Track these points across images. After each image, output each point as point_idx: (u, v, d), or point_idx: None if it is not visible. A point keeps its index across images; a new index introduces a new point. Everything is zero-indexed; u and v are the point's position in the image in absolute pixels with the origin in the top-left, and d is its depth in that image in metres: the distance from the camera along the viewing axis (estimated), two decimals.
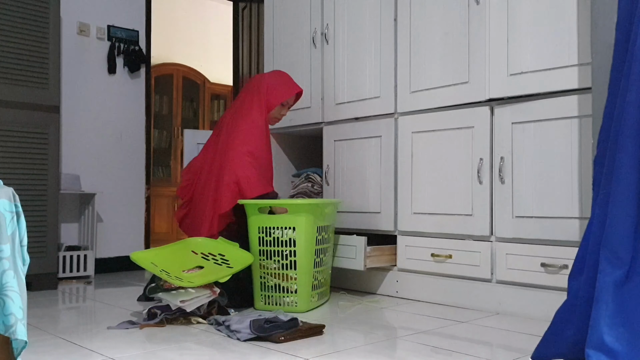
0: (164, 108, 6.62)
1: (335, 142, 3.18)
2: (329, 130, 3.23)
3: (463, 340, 1.99)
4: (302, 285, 2.47)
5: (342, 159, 3.14)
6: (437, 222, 2.69)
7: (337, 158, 3.17)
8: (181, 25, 6.82)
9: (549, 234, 2.30)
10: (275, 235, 2.48)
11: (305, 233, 2.46)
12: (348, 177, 3.11)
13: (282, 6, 3.55)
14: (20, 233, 1.33)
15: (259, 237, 2.51)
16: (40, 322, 2.27)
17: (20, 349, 1.31)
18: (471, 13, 2.59)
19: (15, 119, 3.04)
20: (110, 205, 3.97)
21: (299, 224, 2.45)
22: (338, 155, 3.16)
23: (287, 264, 2.47)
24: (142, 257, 2.32)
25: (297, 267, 2.46)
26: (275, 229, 2.48)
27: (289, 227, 2.47)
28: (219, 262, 2.40)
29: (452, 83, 2.66)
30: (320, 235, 2.56)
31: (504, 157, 2.46)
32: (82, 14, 3.90)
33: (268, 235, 2.49)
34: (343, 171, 3.14)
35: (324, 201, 2.62)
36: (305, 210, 2.46)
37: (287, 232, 2.46)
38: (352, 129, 3.09)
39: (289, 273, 2.47)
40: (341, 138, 3.15)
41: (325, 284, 2.70)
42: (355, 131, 3.08)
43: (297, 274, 2.46)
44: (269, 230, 2.49)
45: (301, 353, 1.80)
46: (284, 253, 2.47)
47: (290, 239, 2.46)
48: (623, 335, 1.40)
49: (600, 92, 1.78)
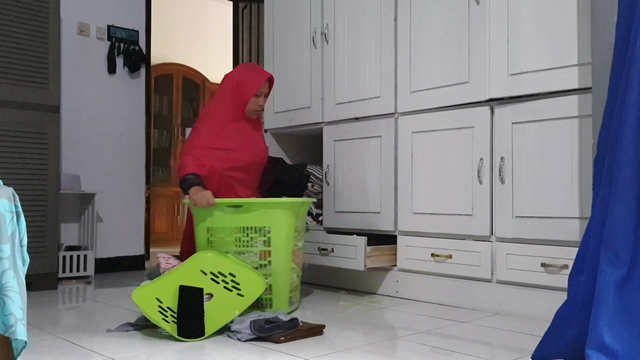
0: (164, 108, 6.62)
1: (335, 142, 3.18)
2: (329, 130, 3.22)
3: (463, 340, 1.99)
4: (279, 290, 2.39)
5: (342, 159, 3.14)
6: (437, 222, 2.69)
7: (337, 158, 3.17)
8: (181, 25, 6.82)
9: (549, 234, 2.30)
10: (252, 235, 2.40)
11: (287, 232, 2.38)
12: (348, 177, 3.11)
13: (282, 6, 3.55)
14: (20, 233, 1.34)
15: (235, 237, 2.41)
16: (40, 322, 2.27)
17: (20, 349, 1.31)
18: (471, 13, 2.59)
19: (15, 119, 3.04)
20: (110, 205, 3.97)
21: (277, 223, 2.37)
22: (338, 155, 3.16)
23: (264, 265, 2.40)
24: (144, 293, 2.03)
25: (273, 269, 2.38)
26: (251, 230, 2.40)
27: (264, 228, 2.39)
28: (229, 286, 2.14)
29: (452, 83, 2.65)
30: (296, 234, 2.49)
31: (504, 157, 2.46)
32: (82, 14, 3.89)
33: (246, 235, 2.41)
34: (343, 171, 3.14)
35: (301, 200, 2.53)
36: (284, 208, 2.40)
37: (263, 231, 2.39)
38: (352, 129, 3.09)
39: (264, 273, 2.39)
40: (341, 138, 3.15)
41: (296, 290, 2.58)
42: (355, 131, 3.08)
43: (272, 275, 2.38)
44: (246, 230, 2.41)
45: (301, 353, 1.80)
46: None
47: (268, 239, 2.39)
48: (623, 335, 1.40)
49: (600, 92, 1.78)
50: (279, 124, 3.53)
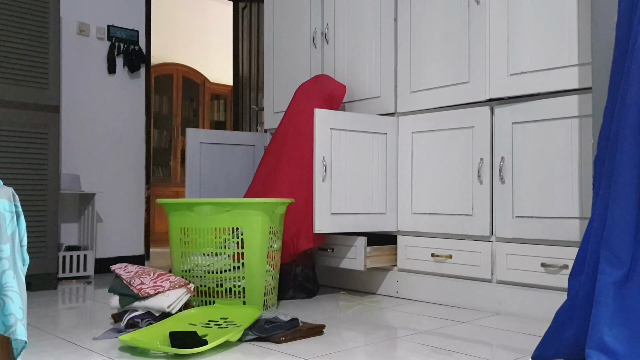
0: (164, 108, 6.62)
1: None
2: None
3: (463, 340, 1.99)
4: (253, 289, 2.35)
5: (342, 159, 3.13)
6: (437, 222, 2.69)
7: None
8: (181, 25, 6.82)
9: (549, 234, 2.30)
10: (225, 236, 2.37)
11: (261, 233, 2.35)
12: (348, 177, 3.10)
13: (282, 6, 3.55)
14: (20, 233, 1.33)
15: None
16: (40, 322, 2.27)
17: (20, 349, 1.31)
18: (471, 13, 2.59)
19: (15, 119, 3.04)
20: (110, 205, 3.97)
21: (250, 224, 2.34)
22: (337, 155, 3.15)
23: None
24: (139, 338, 1.82)
25: (246, 271, 2.35)
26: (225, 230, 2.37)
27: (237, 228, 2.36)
28: (223, 326, 2.06)
29: (452, 83, 2.65)
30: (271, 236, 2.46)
31: (504, 157, 2.46)
32: (82, 14, 3.89)
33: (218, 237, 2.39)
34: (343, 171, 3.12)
35: (275, 201, 2.48)
36: (257, 209, 2.37)
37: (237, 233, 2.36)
38: None
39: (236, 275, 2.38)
40: None
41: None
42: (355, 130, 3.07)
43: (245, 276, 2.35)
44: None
45: (301, 353, 1.80)
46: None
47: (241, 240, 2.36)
48: (623, 335, 1.39)
49: (601, 92, 1.78)
50: (278, 123, 3.53)
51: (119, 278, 2.23)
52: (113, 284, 2.23)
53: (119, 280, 2.21)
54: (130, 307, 2.13)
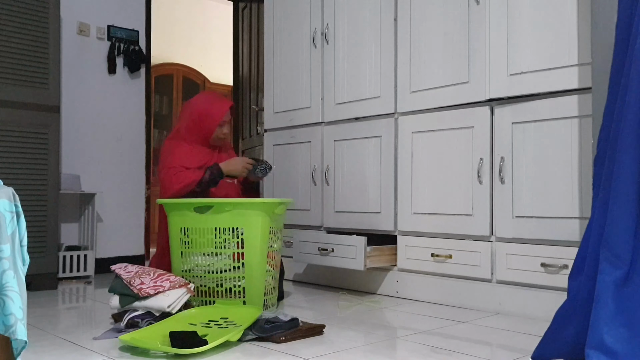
0: (164, 108, 6.62)
1: (335, 142, 3.18)
2: (329, 130, 3.22)
3: (463, 340, 1.99)
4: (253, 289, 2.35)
5: (342, 159, 3.14)
6: (437, 222, 2.69)
7: (337, 158, 3.17)
8: (181, 25, 6.82)
9: (549, 234, 2.30)
10: (225, 236, 2.37)
11: (261, 233, 2.35)
12: (348, 177, 3.11)
13: (282, 6, 3.55)
14: (20, 233, 1.33)
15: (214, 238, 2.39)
16: (40, 322, 2.27)
17: (20, 349, 1.31)
18: (471, 13, 2.59)
19: (15, 119, 3.04)
20: (110, 205, 3.97)
21: (250, 224, 2.34)
22: (338, 155, 3.16)
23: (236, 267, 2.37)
24: (139, 338, 1.82)
25: (246, 272, 2.34)
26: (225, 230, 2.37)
27: (238, 228, 2.36)
28: (223, 326, 2.05)
29: (452, 83, 2.65)
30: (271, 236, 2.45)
31: (504, 157, 2.46)
32: (82, 14, 3.89)
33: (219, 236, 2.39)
34: (343, 171, 3.13)
35: (275, 200, 2.48)
36: (258, 208, 2.37)
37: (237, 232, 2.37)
38: (352, 129, 3.09)
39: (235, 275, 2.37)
40: (341, 138, 3.15)
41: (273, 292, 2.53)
42: (355, 131, 3.08)
43: (245, 277, 2.35)
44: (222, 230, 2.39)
45: (301, 353, 1.80)
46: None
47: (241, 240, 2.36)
48: (623, 335, 1.40)
49: (600, 92, 1.78)
50: (279, 124, 3.54)
51: (119, 278, 2.23)
52: (113, 284, 2.23)
53: (119, 280, 2.22)
54: (130, 307, 2.13)
